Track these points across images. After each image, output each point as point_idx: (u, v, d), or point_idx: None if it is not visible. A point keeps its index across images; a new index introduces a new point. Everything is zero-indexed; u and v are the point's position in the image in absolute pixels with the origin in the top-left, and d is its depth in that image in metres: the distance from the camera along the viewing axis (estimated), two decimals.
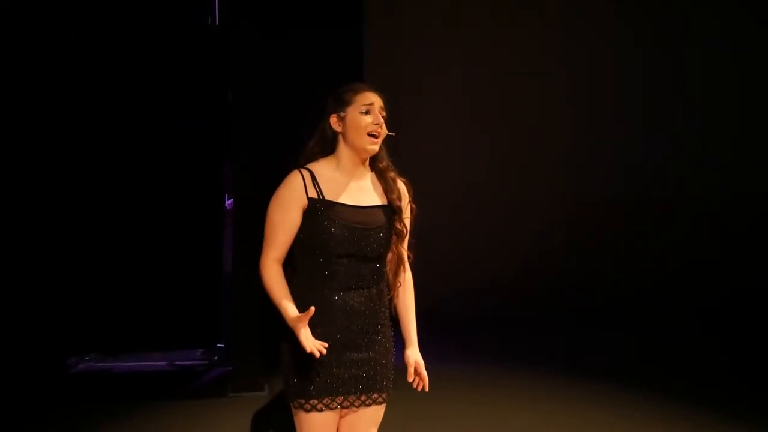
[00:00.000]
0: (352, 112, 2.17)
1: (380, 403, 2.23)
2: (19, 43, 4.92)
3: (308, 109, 2.35)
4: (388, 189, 2.23)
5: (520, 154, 7.43)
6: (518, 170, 7.43)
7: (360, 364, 2.17)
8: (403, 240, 2.25)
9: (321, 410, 2.14)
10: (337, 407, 2.17)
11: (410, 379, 2.27)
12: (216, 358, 5.36)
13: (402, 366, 2.25)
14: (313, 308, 2.02)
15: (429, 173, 7.12)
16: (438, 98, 7.25)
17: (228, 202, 5.39)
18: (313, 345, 2.02)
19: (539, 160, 7.48)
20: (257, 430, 3.92)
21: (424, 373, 2.27)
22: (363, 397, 2.19)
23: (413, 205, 2.30)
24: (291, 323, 2.07)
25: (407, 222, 2.27)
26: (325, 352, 2.04)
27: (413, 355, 2.27)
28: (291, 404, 2.19)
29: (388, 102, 2.22)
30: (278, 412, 3.96)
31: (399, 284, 2.31)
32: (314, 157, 2.23)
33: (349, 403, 2.18)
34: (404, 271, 2.32)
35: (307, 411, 2.14)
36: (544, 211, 7.40)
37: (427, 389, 2.28)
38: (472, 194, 7.36)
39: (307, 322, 2.03)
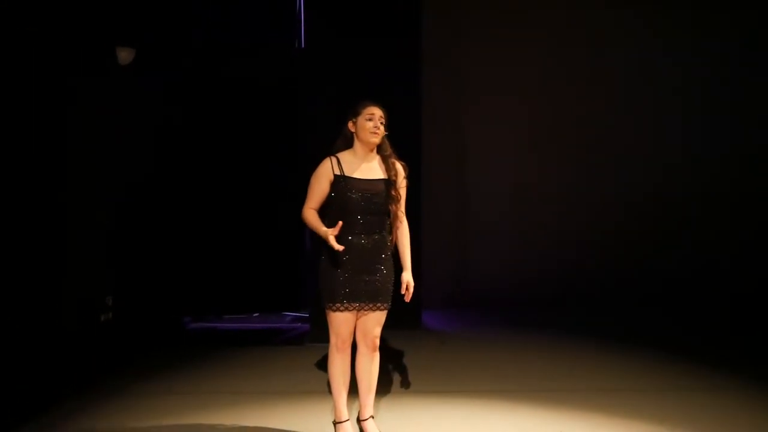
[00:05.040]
0: (361, 120, 3.31)
1: (383, 310, 3.34)
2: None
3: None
4: (387, 168, 3.34)
5: (574, 154, 7.85)
6: (571, 169, 7.88)
7: (368, 283, 3.27)
8: (397, 202, 3.34)
9: (343, 311, 3.27)
10: (354, 310, 3.28)
11: (403, 292, 3.33)
12: (298, 321, 6.71)
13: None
14: (341, 222, 3.12)
15: (486, 170, 7.85)
16: (496, 104, 7.79)
17: None
18: (335, 244, 3.11)
19: (593, 159, 7.87)
20: (324, 366, 4.96)
21: (411, 289, 3.33)
22: (371, 305, 3.30)
23: (407, 181, 3.39)
24: (324, 234, 3.16)
25: (401, 191, 3.37)
26: (341, 248, 3.12)
27: (407, 277, 3.37)
28: (324, 307, 3.32)
29: (386, 112, 3.34)
30: None
31: (397, 228, 3.39)
32: (340, 149, 3.38)
33: (361, 307, 3.29)
34: (401, 223, 3.41)
35: (334, 311, 3.28)
36: (600, 206, 7.85)
37: (408, 300, 3.31)
38: (528, 190, 7.91)
39: (335, 232, 3.08)
